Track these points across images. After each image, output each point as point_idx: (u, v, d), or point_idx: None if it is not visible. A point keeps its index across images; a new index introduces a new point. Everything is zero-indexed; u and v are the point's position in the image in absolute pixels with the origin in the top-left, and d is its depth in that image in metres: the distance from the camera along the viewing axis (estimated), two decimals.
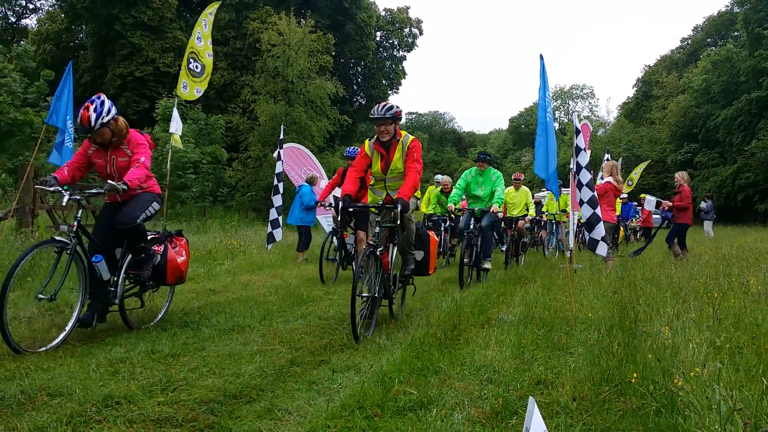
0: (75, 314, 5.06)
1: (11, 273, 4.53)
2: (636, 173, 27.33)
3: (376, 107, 6.03)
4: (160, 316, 6.11)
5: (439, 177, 14.48)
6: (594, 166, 17.13)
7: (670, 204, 11.84)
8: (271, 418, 3.45)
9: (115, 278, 5.37)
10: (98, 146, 5.47)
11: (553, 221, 16.94)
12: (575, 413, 3.43)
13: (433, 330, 5.56)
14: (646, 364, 3.93)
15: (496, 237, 12.69)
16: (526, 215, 13.42)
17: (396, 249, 6.23)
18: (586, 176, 7.50)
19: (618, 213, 16.04)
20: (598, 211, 7.46)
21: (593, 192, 7.53)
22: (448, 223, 13.33)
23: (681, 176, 11.97)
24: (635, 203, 23.79)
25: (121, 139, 5.45)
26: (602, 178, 11.98)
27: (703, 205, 23.46)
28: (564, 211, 15.57)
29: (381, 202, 6.16)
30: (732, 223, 33.00)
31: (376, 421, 3.37)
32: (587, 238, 7.46)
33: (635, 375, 3.67)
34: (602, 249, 7.67)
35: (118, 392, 3.68)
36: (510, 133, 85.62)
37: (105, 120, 5.20)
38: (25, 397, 3.59)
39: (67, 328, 4.95)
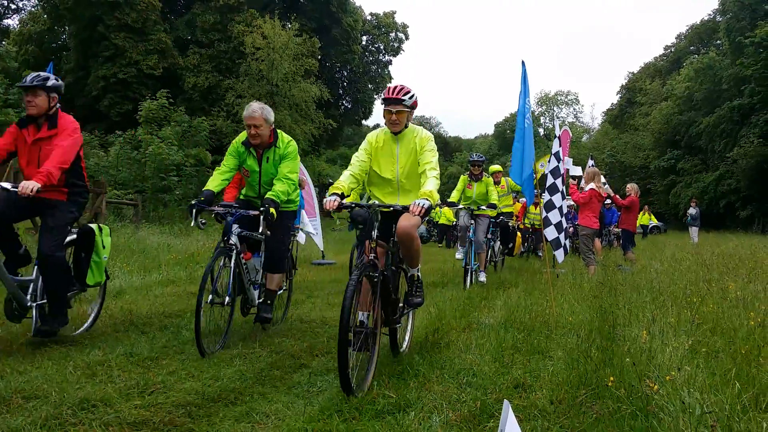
0: None
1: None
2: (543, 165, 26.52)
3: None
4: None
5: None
6: None
7: (616, 197, 13.18)
8: (249, 421, 3.44)
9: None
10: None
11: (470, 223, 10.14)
12: (552, 416, 3.45)
13: (414, 333, 5.57)
14: (623, 368, 3.97)
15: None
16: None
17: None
18: (549, 180, 7.61)
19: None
20: (551, 215, 7.54)
21: (550, 197, 7.61)
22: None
23: (632, 187, 13.21)
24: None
25: None
26: (577, 184, 12.11)
27: (692, 211, 23.77)
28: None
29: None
30: (714, 229, 33.31)
31: (353, 424, 3.37)
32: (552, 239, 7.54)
33: (612, 379, 3.70)
34: (560, 254, 7.79)
35: (95, 395, 3.65)
36: (495, 138, 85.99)
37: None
38: None
39: None
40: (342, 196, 4.43)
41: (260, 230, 5.29)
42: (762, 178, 36.52)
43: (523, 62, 6.94)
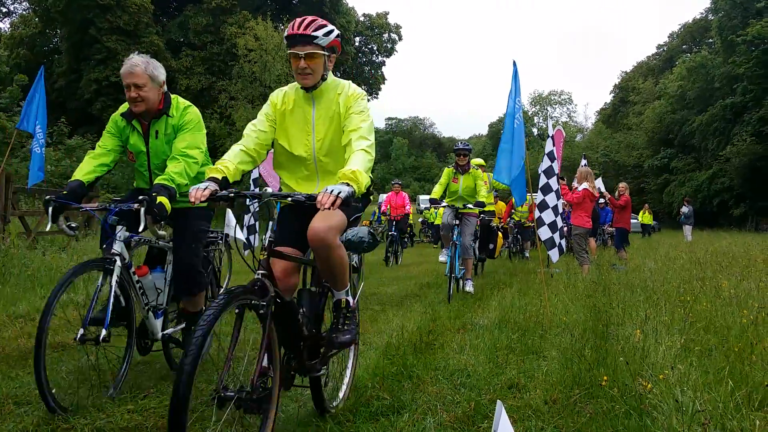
0: None
1: None
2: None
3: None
4: None
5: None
6: (571, 171, 17.11)
7: (612, 198, 14.38)
8: (241, 424, 3.42)
9: None
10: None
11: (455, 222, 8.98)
12: (546, 416, 3.45)
13: (409, 335, 5.57)
14: (617, 367, 3.96)
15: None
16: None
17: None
18: (542, 180, 7.59)
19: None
20: (545, 214, 7.52)
21: (544, 197, 7.60)
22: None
23: (625, 186, 14.42)
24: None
25: None
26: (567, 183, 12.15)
27: (685, 209, 23.90)
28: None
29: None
30: (708, 227, 33.44)
31: (347, 426, 3.36)
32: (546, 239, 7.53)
33: (605, 378, 3.70)
34: (554, 254, 7.76)
35: (87, 400, 3.63)
36: (489, 139, 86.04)
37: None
38: None
39: None
40: (223, 183, 3.01)
41: (140, 228, 3.67)
42: (755, 176, 36.70)
43: (514, 62, 6.93)
